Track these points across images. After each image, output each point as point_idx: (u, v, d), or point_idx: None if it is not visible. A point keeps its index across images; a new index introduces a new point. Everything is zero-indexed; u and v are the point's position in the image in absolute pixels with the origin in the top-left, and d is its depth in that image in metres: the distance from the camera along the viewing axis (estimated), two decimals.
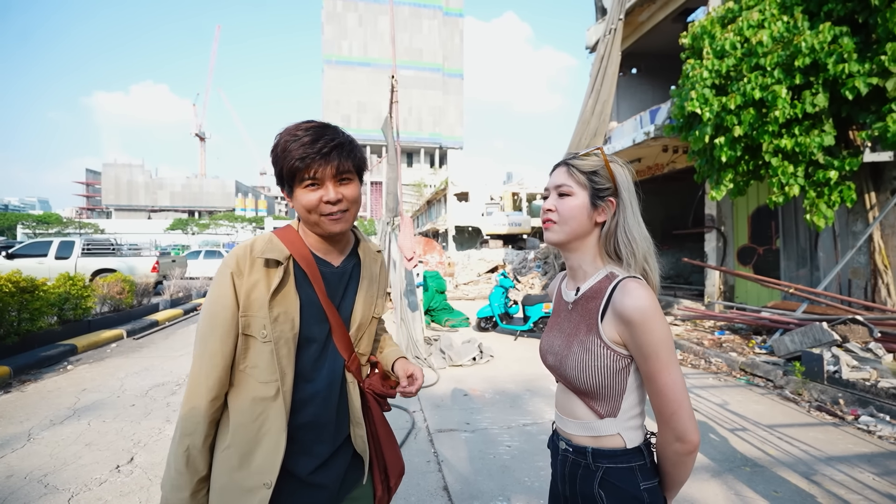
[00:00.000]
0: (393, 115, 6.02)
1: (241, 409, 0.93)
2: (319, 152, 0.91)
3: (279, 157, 0.93)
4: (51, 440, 3.07)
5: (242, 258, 0.95)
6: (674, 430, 0.81)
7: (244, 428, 0.92)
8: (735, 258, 8.07)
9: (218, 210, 65.94)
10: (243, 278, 0.94)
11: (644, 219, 0.96)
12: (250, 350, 0.94)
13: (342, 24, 60.14)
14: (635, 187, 0.95)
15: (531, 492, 2.44)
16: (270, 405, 0.92)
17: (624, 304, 0.83)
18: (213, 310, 0.93)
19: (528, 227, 26.39)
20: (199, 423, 0.91)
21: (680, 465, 0.84)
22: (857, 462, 2.77)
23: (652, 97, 12.05)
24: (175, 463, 0.91)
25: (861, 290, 5.68)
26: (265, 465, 0.91)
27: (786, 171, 4.99)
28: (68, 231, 41.36)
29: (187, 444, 0.91)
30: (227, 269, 0.94)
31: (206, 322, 0.94)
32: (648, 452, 0.90)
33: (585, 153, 0.94)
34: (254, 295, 0.93)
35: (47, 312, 5.46)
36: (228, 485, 0.91)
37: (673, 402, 0.81)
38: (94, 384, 4.34)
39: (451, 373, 4.78)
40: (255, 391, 0.92)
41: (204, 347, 0.93)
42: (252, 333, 0.93)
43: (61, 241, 11.09)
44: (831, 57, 4.47)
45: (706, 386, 4.33)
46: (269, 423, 0.92)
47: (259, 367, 0.93)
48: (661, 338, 0.81)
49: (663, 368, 0.81)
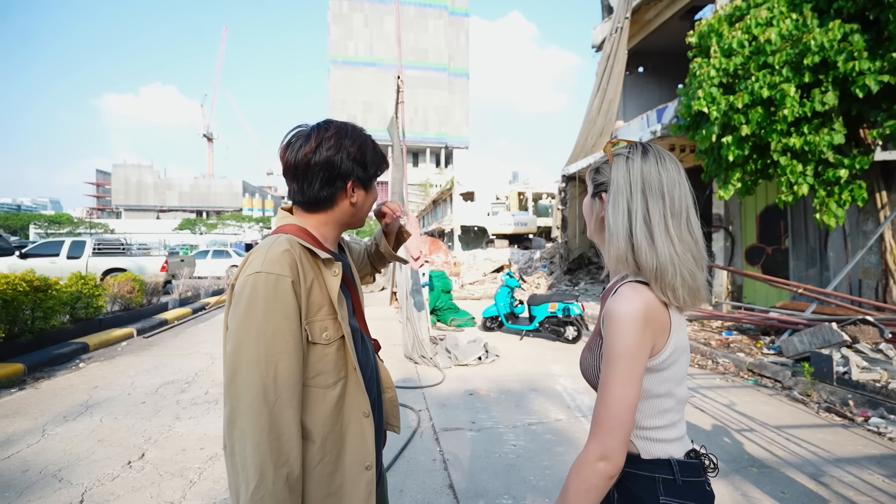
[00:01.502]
0: (399, 115, 6.04)
1: (318, 424, 0.90)
2: (385, 160, 1.02)
3: (375, 155, 1.00)
4: (64, 436, 3.14)
5: (294, 264, 0.88)
6: (604, 447, 0.76)
7: (331, 436, 0.91)
8: (743, 258, 8.01)
9: (225, 210, 66.52)
10: (301, 285, 0.88)
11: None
12: (312, 357, 0.90)
13: (348, 25, 60.36)
14: (664, 180, 0.83)
15: (537, 491, 2.45)
16: (343, 402, 0.93)
17: (606, 305, 0.82)
18: (274, 327, 0.84)
19: (534, 226, 26.33)
20: (293, 450, 0.84)
21: (593, 490, 0.77)
22: (866, 464, 2.74)
23: (659, 96, 11.97)
24: (276, 498, 0.81)
25: (872, 290, 5.61)
26: (361, 452, 0.94)
27: (795, 170, 4.94)
28: (79, 231, 41.97)
29: (286, 474, 0.83)
30: (285, 277, 0.85)
31: (268, 341, 0.83)
32: (685, 473, 0.83)
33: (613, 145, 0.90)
34: (312, 298, 0.90)
35: (60, 311, 5.55)
36: (331, 487, 0.91)
37: (614, 419, 0.76)
38: (105, 381, 4.41)
39: (456, 372, 4.80)
40: (327, 400, 0.91)
41: (272, 370, 0.83)
42: (315, 340, 0.90)
43: (73, 241, 11.26)
44: (841, 55, 4.42)
45: (713, 386, 4.31)
46: (348, 417, 0.94)
47: (325, 373, 0.91)
48: (621, 347, 0.77)
49: (616, 380, 0.77)
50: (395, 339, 6.18)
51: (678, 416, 0.87)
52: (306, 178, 0.94)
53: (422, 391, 4.15)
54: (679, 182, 0.85)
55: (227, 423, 0.84)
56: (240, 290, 0.86)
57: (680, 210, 0.84)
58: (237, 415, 0.82)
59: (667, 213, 0.83)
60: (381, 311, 9.03)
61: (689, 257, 0.83)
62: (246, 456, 0.81)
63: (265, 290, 0.84)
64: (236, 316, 0.85)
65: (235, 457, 0.83)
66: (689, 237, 0.84)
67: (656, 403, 0.83)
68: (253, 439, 0.81)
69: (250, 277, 0.86)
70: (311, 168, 0.93)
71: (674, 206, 0.83)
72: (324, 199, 0.97)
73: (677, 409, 0.86)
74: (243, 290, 0.86)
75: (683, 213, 0.84)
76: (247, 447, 0.81)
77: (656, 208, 0.83)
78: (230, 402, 0.83)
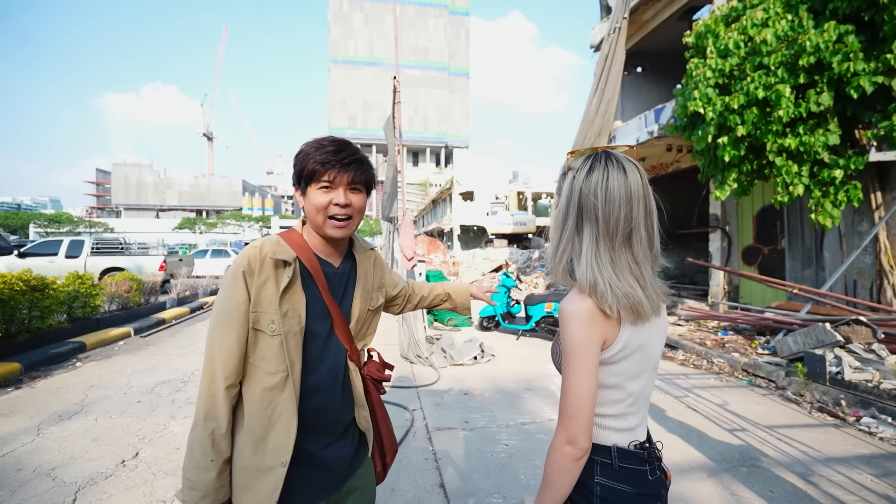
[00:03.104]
0: (395, 115, 6.06)
1: (253, 398, 1.01)
2: (340, 161, 1.04)
3: (302, 159, 1.06)
4: (59, 435, 3.15)
5: (253, 258, 1.02)
6: (568, 432, 0.83)
7: (257, 415, 1.00)
8: (740, 258, 8.02)
9: (225, 209, 66.56)
10: (254, 277, 1.01)
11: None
12: (259, 344, 1.01)
13: (348, 24, 60.35)
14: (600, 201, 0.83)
15: (527, 489, 2.47)
16: (279, 393, 1.01)
17: (560, 304, 0.90)
18: (227, 305, 1.00)
19: (533, 226, 26.34)
20: (221, 409, 0.98)
21: (565, 472, 0.84)
22: (855, 463, 2.76)
23: (657, 96, 11.98)
24: (200, 447, 0.97)
25: (867, 290, 5.63)
26: (280, 447, 1.00)
27: (790, 171, 4.95)
28: (79, 230, 41.98)
29: (212, 428, 0.98)
30: (240, 268, 1.01)
31: (221, 317, 1.01)
32: (623, 459, 0.89)
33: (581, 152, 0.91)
34: (263, 293, 1.01)
35: (57, 310, 5.57)
36: (248, 465, 1.00)
37: (573, 407, 0.83)
38: (101, 381, 4.43)
39: (452, 372, 4.81)
40: (264, 382, 1.01)
41: (220, 340, 1.00)
42: (261, 328, 1.01)
43: (71, 241, 11.27)
44: (836, 56, 4.43)
45: (707, 386, 4.32)
46: (280, 409, 1.01)
47: (267, 360, 1.01)
48: (572, 344, 0.84)
49: (571, 373, 0.84)
50: (391, 338, 6.20)
51: (630, 409, 0.91)
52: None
53: (416, 390, 4.17)
54: (621, 202, 0.83)
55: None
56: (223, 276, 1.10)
57: (615, 231, 0.84)
58: (202, 369, 1.02)
59: (598, 235, 0.85)
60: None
61: (627, 277, 0.84)
62: (197, 401, 1.01)
63: (228, 277, 1.03)
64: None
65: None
66: (627, 258, 0.85)
67: (605, 393, 0.90)
68: (201, 391, 1.00)
69: (230, 266, 1.07)
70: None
71: (608, 228, 0.84)
72: (301, 209, 1.11)
73: (629, 403, 0.90)
74: (224, 276, 1.07)
75: (619, 235, 0.84)
76: (198, 395, 1.01)
77: (588, 228, 0.86)
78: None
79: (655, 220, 0.88)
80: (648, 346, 0.90)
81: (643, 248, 0.86)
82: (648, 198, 0.87)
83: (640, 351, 0.88)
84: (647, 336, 0.89)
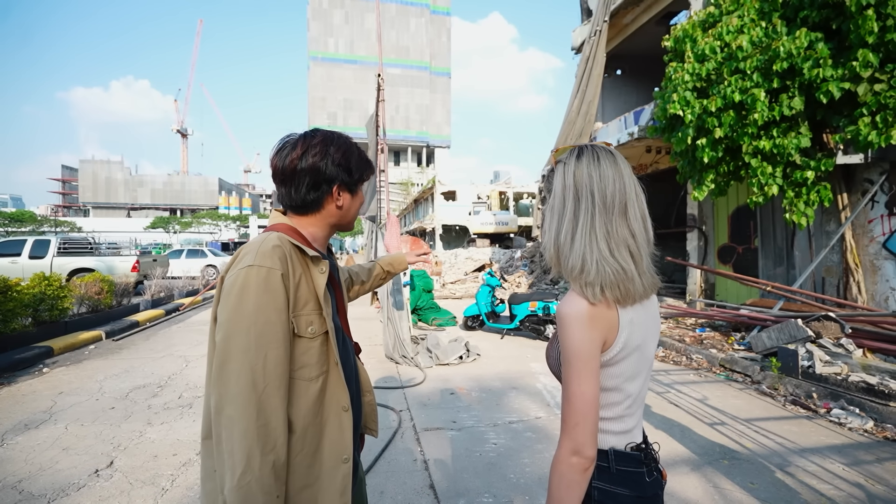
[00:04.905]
0: (380, 113, 5.99)
1: (303, 415, 0.93)
2: (372, 169, 1.11)
3: (360, 161, 1.06)
4: (25, 445, 2.99)
5: (283, 258, 0.91)
6: (573, 442, 0.79)
7: (312, 428, 0.94)
8: (716, 257, 8.27)
9: (201, 208, 64.67)
10: (289, 279, 0.91)
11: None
12: (297, 350, 0.93)
13: (328, 21, 59.45)
14: (595, 179, 0.84)
15: (517, 488, 2.47)
16: (324, 396, 0.97)
17: (557, 307, 0.88)
18: (265, 318, 0.86)
19: (515, 226, 26.58)
20: (280, 436, 0.86)
21: (573, 485, 0.80)
22: (828, 453, 2.87)
23: (637, 98, 12.23)
24: (262, 487, 0.83)
25: (834, 287, 5.88)
26: (339, 445, 0.97)
27: (765, 172, 5.13)
28: (43, 229, 40.03)
29: (272, 461, 0.85)
30: (276, 271, 0.89)
31: (257, 331, 0.86)
32: (621, 462, 0.87)
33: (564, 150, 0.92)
34: (299, 293, 0.94)
35: (21, 314, 5.29)
36: (309, 479, 0.93)
37: (578, 414, 0.80)
38: (71, 387, 4.22)
39: (437, 372, 4.79)
40: (310, 391, 0.94)
41: (265, 357, 0.86)
42: (301, 333, 0.93)
43: (36, 240, 10.74)
44: (807, 62, 4.61)
45: (687, 382, 4.43)
46: (327, 411, 0.97)
47: (308, 366, 0.94)
48: (572, 348, 0.81)
49: (573, 378, 0.81)
50: (376, 339, 6.13)
51: (628, 411, 0.90)
52: (293, 182, 1.00)
53: (403, 391, 4.13)
54: (614, 178, 0.85)
55: (215, 411, 0.85)
56: (231, 283, 0.89)
57: (612, 204, 0.84)
58: (225, 402, 0.84)
59: (595, 210, 0.85)
60: (362, 310, 8.95)
61: (622, 251, 0.84)
62: (233, 442, 0.82)
63: (257, 283, 0.87)
64: (227, 307, 0.87)
65: (222, 444, 0.84)
66: (623, 230, 0.85)
67: (603, 396, 0.87)
68: (241, 426, 0.82)
69: (242, 271, 0.88)
70: (298, 173, 0.99)
71: (605, 202, 0.84)
72: (311, 203, 1.02)
73: (627, 405, 0.89)
74: (235, 283, 0.88)
75: (616, 207, 0.85)
76: (234, 434, 0.82)
77: (584, 207, 0.85)
78: (218, 390, 0.85)
79: (644, 203, 0.89)
80: (645, 346, 0.89)
81: (639, 223, 0.86)
82: (636, 181, 0.89)
83: (638, 351, 0.88)
84: (645, 336, 0.89)
